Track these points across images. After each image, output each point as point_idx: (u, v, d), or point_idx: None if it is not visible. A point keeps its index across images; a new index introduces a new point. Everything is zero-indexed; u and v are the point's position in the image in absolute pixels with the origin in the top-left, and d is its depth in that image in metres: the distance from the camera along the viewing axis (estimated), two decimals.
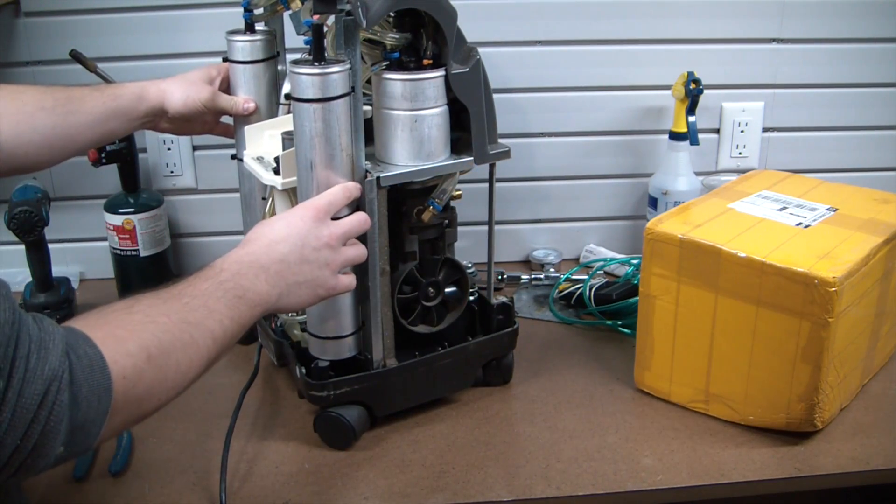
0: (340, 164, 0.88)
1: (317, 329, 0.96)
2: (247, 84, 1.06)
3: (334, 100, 0.85)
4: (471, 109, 0.95)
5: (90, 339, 0.61)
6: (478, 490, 0.91)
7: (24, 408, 0.55)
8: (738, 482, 0.92)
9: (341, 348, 0.97)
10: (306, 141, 0.87)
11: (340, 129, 0.87)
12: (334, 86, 0.85)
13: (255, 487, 0.92)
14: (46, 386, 0.56)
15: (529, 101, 1.37)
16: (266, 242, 0.82)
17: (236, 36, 1.05)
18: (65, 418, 0.57)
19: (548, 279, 1.37)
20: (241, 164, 1.06)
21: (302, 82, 0.85)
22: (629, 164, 1.43)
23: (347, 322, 0.96)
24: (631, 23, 1.34)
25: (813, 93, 1.40)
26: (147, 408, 0.66)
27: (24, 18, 1.26)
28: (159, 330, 0.67)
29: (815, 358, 0.92)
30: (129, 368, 0.62)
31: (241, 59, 1.05)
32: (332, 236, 0.85)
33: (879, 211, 1.06)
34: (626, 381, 1.09)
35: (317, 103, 0.85)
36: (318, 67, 0.84)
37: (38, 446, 0.57)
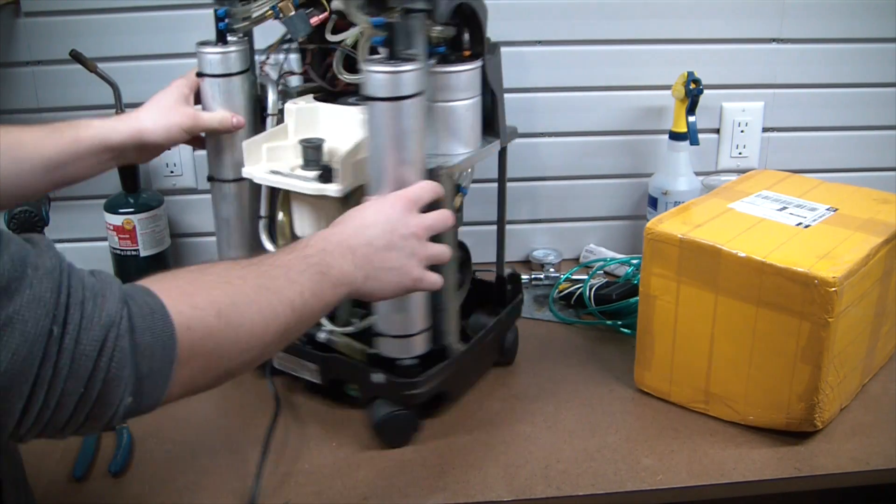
0: (414, 163, 0.89)
1: (398, 328, 0.96)
2: (223, 99, 0.99)
3: (409, 98, 0.85)
4: (497, 93, 1.00)
5: (150, 291, 0.60)
6: (478, 490, 0.91)
7: (83, 354, 0.54)
8: (738, 482, 0.92)
9: (422, 343, 0.97)
10: (382, 141, 0.87)
11: (415, 128, 0.87)
12: (411, 84, 0.85)
13: (255, 487, 0.92)
14: (105, 332, 0.55)
15: (529, 101, 1.37)
16: (356, 225, 0.81)
17: (208, 48, 0.98)
18: (127, 365, 0.56)
19: (548, 279, 1.37)
20: (219, 185, 1.03)
21: (381, 81, 0.84)
22: (629, 164, 1.43)
23: (425, 316, 0.97)
24: (631, 23, 1.34)
25: (813, 93, 1.40)
26: (218, 367, 0.64)
27: (24, 18, 1.26)
28: (232, 290, 0.66)
29: (815, 358, 0.92)
30: (196, 320, 0.61)
31: (215, 72, 0.98)
32: (420, 227, 0.84)
33: (879, 211, 1.06)
34: (626, 381, 1.09)
35: (393, 101, 0.85)
36: (393, 65, 0.84)
37: (102, 395, 0.55)
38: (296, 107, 0.99)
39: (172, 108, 0.95)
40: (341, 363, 1.00)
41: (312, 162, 0.95)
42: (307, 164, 0.96)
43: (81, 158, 0.89)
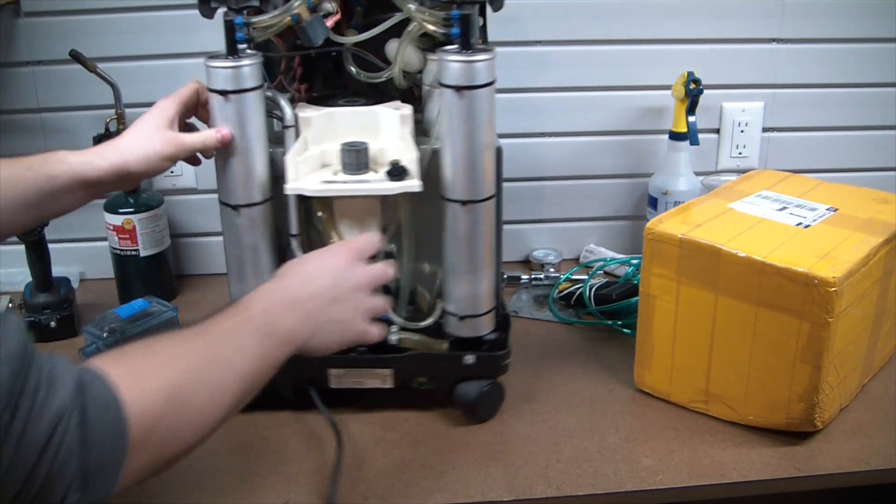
0: (485, 150, 0.94)
1: (477, 307, 1.00)
2: (235, 116, 0.91)
3: (481, 88, 0.91)
4: None
5: (105, 378, 0.58)
6: (478, 490, 0.91)
7: (27, 447, 0.52)
8: (738, 482, 0.92)
9: (493, 318, 1.03)
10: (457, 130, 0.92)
11: (487, 116, 0.92)
12: (483, 73, 0.90)
13: (255, 487, 0.92)
14: (54, 424, 0.53)
15: (530, 101, 1.37)
16: (300, 278, 0.80)
17: (218, 61, 0.90)
18: (73, 461, 0.54)
19: (548, 279, 1.37)
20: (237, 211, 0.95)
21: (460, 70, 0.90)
22: (629, 164, 1.43)
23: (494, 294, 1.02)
24: (631, 23, 1.34)
25: (813, 93, 1.40)
26: (170, 452, 0.63)
27: (24, 18, 1.26)
28: (181, 369, 0.64)
29: (815, 358, 0.92)
30: (148, 409, 0.59)
31: (227, 88, 0.90)
32: (364, 279, 0.84)
33: (879, 211, 1.06)
34: (626, 381, 1.09)
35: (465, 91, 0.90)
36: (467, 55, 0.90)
37: (43, 491, 0.53)
38: (315, 115, 0.97)
39: (154, 134, 0.89)
40: (420, 358, 1.01)
41: (353, 165, 0.94)
42: (346, 168, 0.94)
43: (57, 197, 0.84)
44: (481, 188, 0.95)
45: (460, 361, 1.00)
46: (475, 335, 1.02)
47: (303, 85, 1.03)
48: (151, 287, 1.29)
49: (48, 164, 0.84)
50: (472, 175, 0.94)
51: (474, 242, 0.97)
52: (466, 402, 1.01)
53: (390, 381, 1.02)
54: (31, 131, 1.32)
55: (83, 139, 1.28)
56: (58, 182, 0.83)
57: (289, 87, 1.03)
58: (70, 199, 0.85)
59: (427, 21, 0.94)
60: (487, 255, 0.99)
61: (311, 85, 1.05)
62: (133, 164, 0.87)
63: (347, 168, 0.94)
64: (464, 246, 0.97)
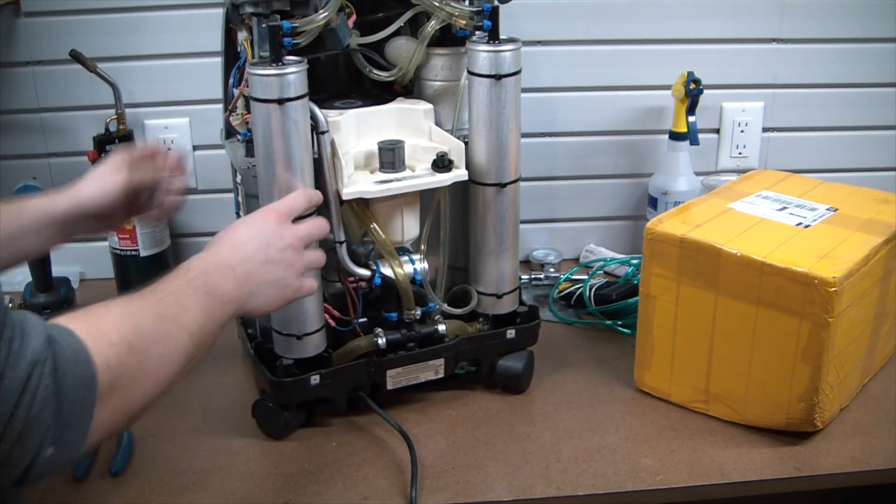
0: (512, 134, 0.99)
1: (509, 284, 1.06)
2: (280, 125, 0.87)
3: (510, 76, 0.96)
4: None
5: (72, 331, 0.60)
6: (478, 490, 0.91)
7: (7, 390, 0.54)
8: (738, 482, 0.92)
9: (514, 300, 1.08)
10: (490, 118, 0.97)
11: (515, 102, 0.98)
12: (511, 62, 0.96)
13: (254, 487, 0.92)
14: (29, 371, 0.55)
15: (530, 101, 1.36)
16: (230, 243, 0.82)
17: (262, 69, 0.86)
18: (48, 408, 0.56)
19: (548, 279, 1.37)
20: None
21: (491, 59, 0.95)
22: (629, 164, 1.43)
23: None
24: (631, 23, 1.34)
25: (813, 93, 1.40)
26: (133, 402, 0.65)
27: (24, 18, 1.26)
28: (136, 324, 0.67)
29: (815, 358, 0.92)
30: (113, 358, 0.62)
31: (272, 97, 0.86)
32: (294, 238, 0.85)
33: (879, 211, 1.06)
34: (626, 381, 1.09)
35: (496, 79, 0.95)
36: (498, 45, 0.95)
37: (22, 437, 0.55)
38: (341, 118, 0.96)
39: (104, 174, 0.92)
40: (469, 342, 1.05)
41: (391, 163, 0.96)
42: (387, 167, 0.96)
43: (26, 235, 0.87)
44: (510, 171, 1.00)
45: (504, 337, 1.06)
46: (510, 311, 1.07)
47: None
48: None
49: (15, 205, 0.88)
50: (503, 159, 0.99)
51: (506, 223, 1.02)
52: (512, 375, 1.07)
53: (442, 371, 1.04)
54: (31, 131, 1.32)
55: (83, 139, 1.28)
56: (24, 220, 0.87)
57: None
58: (39, 237, 0.88)
59: (455, 16, 0.97)
60: (514, 235, 1.04)
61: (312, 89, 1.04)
62: (87, 197, 0.90)
63: (386, 167, 0.96)
64: (498, 226, 1.02)
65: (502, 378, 1.07)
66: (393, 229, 0.99)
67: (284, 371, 0.97)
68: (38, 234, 0.88)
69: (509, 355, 1.07)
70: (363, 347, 1.00)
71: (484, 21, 0.95)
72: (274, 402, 0.98)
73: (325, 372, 0.97)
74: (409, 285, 0.99)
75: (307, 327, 0.96)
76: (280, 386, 0.97)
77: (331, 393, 0.99)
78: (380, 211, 0.98)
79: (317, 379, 0.97)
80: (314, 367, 0.97)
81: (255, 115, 0.89)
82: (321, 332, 0.98)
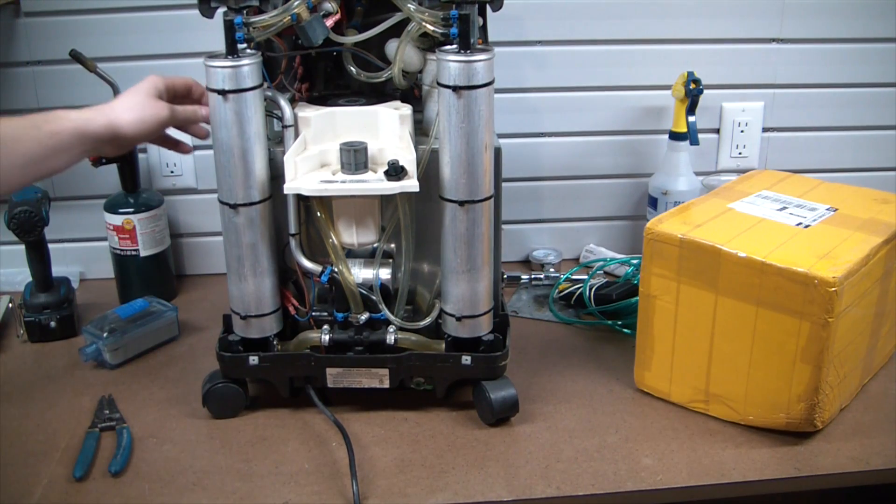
0: (483, 150, 0.93)
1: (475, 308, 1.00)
2: (234, 116, 0.92)
3: (480, 88, 0.90)
4: None
5: None
6: (478, 490, 0.91)
7: None
8: (738, 482, 0.92)
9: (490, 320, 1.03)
10: (455, 130, 0.92)
11: (486, 116, 0.92)
12: (481, 73, 0.90)
13: (254, 487, 0.92)
14: None
15: (530, 101, 1.37)
16: None
17: (217, 61, 0.91)
18: None
19: (548, 279, 1.37)
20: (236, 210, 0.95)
21: (458, 69, 0.90)
22: (629, 164, 1.43)
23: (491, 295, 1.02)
24: (631, 23, 1.34)
25: (813, 93, 1.40)
26: None
27: (24, 18, 1.26)
28: None
29: (815, 358, 0.92)
30: None
31: (226, 87, 0.91)
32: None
33: (879, 211, 1.06)
34: (626, 381, 1.09)
35: (464, 91, 0.90)
36: (465, 55, 0.90)
37: None
38: (314, 114, 0.97)
39: (146, 100, 0.94)
40: (416, 358, 1.01)
41: (352, 165, 0.94)
42: (344, 168, 0.94)
43: (59, 153, 0.89)
44: (480, 188, 0.95)
45: (458, 362, 1.00)
46: (473, 336, 1.01)
47: (304, 85, 1.04)
48: (151, 287, 1.29)
49: (50, 122, 0.89)
50: (471, 175, 0.94)
51: (472, 242, 0.97)
52: (491, 408, 1.00)
53: (387, 382, 1.02)
54: None
55: None
56: (60, 138, 0.88)
57: (290, 86, 1.03)
58: (69, 156, 0.90)
59: (426, 21, 0.94)
60: (486, 256, 0.98)
61: (312, 85, 1.05)
62: (126, 123, 0.92)
63: (346, 168, 0.94)
64: (462, 246, 0.97)
65: (482, 407, 1.01)
66: (346, 231, 0.99)
67: (226, 345, 1.02)
68: (69, 153, 0.90)
69: (498, 386, 1.01)
70: (312, 340, 1.02)
71: (451, 29, 0.91)
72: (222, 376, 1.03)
73: (264, 355, 1.01)
74: (355, 288, 0.99)
75: (252, 309, 0.99)
76: (219, 358, 1.02)
77: (271, 377, 1.02)
78: (338, 211, 0.98)
79: (255, 360, 1.01)
80: (260, 349, 1.01)
81: (210, 106, 0.94)
82: (270, 317, 1.01)
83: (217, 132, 0.94)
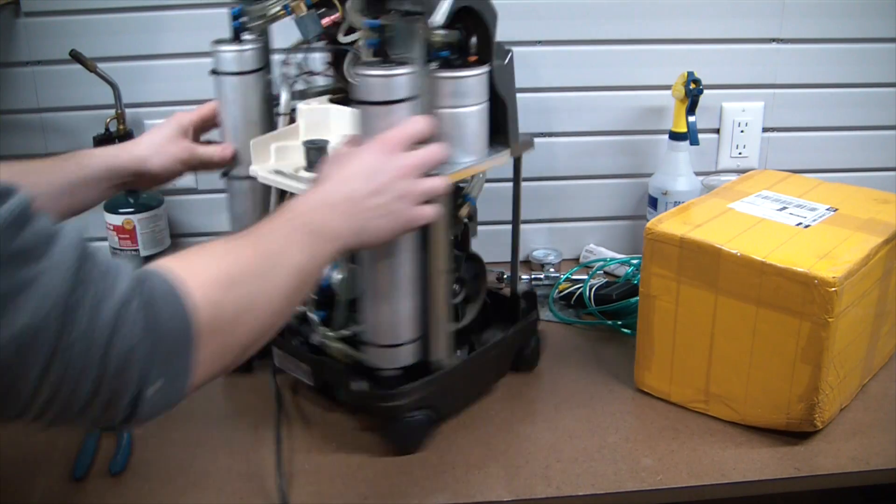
0: None
1: (383, 337, 0.94)
2: (237, 97, 1.00)
3: (400, 102, 0.85)
4: (508, 102, 0.96)
5: (164, 271, 0.60)
6: (478, 490, 0.91)
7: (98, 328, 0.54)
8: (738, 482, 0.92)
9: (407, 355, 0.96)
10: None
11: None
12: (403, 88, 0.85)
13: (254, 487, 0.92)
14: (119, 308, 0.55)
15: (529, 101, 1.36)
16: (336, 180, 0.81)
17: (224, 46, 0.99)
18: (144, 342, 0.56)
19: (548, 279, 1.37)
20: (232, 182, 1.04)
21: (371, 84, 0.84)
22: (629, 164, 1.43)
23: (413, 327, 0.95)
24: (631, 23, 1.34)
25: (813, 93, 1.40)
26: (236, 340, 0.65)
27: (24, 18, 1.26)
28: (234, 261, 0.67)
29: (815, 358, 0.92)
30: (210, 296, 0.61)
31: (230, 70, 0.99)
32: (405, 167, 0.83)
33: (879, 211, 1.06)
34: (626, 381, 1.09)
35: (384, 105, 0.84)
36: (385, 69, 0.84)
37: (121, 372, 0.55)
38: (307, 107, 0.98)
39: (171, 140, 0.98)
40: (329, 367, 0.99)
41: (316, 164, 0.94)
42: (310, 166, 0.95)
43: (87, 185, 0.91)
44: None
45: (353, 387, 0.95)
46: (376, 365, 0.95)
47: None
48: None
49: (76, 157, 0.93)
50: None
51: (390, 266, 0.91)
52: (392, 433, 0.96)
53: (311, 379, 1.02)
54: (31, 131, 1.32)
55: (83, 139, 1.28)
56: (88, 170, 0.91)
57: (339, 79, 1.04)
58: (97, 190, 0.93)
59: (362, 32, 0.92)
60: (403, 281, 0.92)
61: None
62: (151, 161, 0.96)
63: (310, 165, 0.95)
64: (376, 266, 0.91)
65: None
66: None
67: None
68: (97, 187, 0.93)
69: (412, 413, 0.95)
70: None
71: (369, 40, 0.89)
72: None
73: None
74: None
75: None
76: None
77: None
78: None
79: None
80: None
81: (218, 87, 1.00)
82: None
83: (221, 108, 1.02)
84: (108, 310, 0.55)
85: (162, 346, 0.57)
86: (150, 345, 0.56)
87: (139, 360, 0.56)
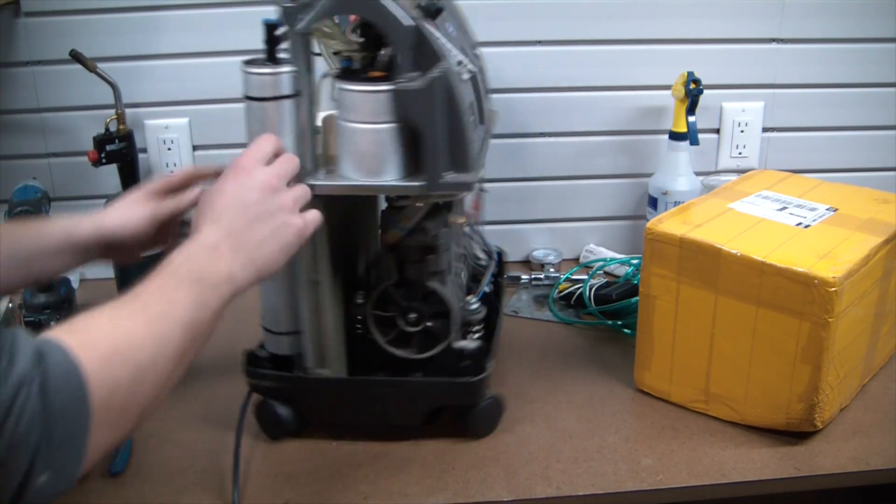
0: None
1: (264, 320, 0.99)
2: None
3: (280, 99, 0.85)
4: (423, 131, 0.85)
5: (63, 347, 0.58)
6: (478, 490, 0.91)
7: None
8: (738, 482, 0.92)
9: (280, 344, 0.98)
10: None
11: (284, 131, 0.86)
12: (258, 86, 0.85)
13: (255, 487, 0.92)
14: (14, 393, 0.52)
15: (529, 101, 1.37)
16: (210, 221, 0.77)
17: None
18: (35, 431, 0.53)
19: (548, 279, 1.37)
20: None
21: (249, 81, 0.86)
22: (629, 164, 1.43)
23: (283, 320, 0.97)
24: (631, 23, 1.34)
25: (813, 93, 1.40)
26: (132, 412, 0.63)
27: (24, 18, 1.26)
28: (128, 331, 0.64)
29: (815, 358, 0.92)
30: (106, 373, 0.59)
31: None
32: (267, 181, 0.80)
33: (879, 211, 1.06)
34: (626, 381, 1.09)
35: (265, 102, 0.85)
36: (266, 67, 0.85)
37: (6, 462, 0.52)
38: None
39: (134, 202, 0.91)
40: None
41: None
42: None
43: (46, 255, 0.86)
44: None
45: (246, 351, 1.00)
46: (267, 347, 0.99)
47: None
48: None
49: (37, 226, 0.88)
50: None
51: None
52: None
53: None
54: (31, 131, 1.32)
55: (83, 139, 1.28)
56: (46, 241, 0.86)
57: None
58: (60, 259, 0.87)
59: None
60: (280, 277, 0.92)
61: None
62: (114, 227, 0.89)
63: None
64: None
65: None
66: None
67: None
68: (56, 258, 0.86)
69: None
70: None
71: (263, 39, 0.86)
72: None
73: None
74: None
75: None
76: None
77: None
78: None
79: None
80: None
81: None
82: None
83: None
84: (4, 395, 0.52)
85: (56, 433, 0.55)
86: (43, 431, 0.54)
87: (29, 448, 0.53)
